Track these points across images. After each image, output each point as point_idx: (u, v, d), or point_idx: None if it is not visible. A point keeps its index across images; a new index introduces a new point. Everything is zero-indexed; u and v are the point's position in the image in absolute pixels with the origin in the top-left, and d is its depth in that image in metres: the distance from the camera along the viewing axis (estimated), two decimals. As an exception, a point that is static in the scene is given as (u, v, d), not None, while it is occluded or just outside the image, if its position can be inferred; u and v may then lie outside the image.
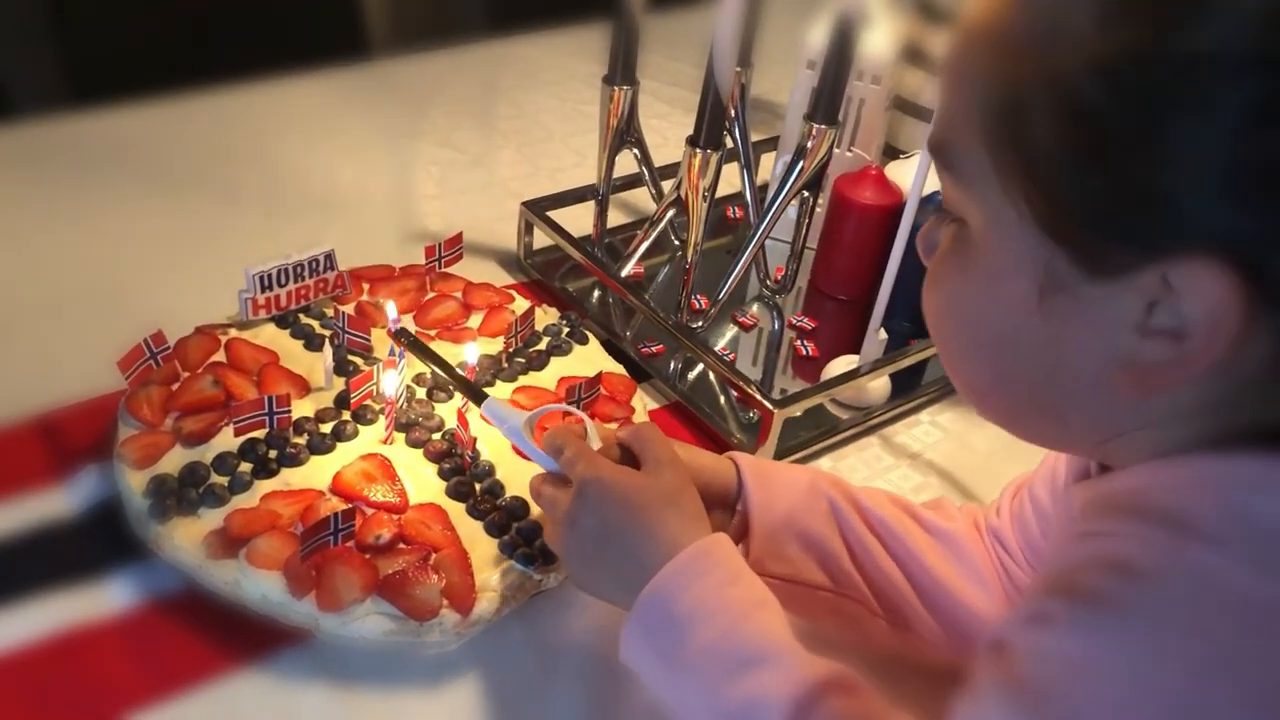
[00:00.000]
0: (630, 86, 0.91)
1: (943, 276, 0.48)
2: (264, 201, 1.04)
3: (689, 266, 0.89)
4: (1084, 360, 0.43)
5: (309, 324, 0.82)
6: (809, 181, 0.90)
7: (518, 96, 1.30)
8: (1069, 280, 0.42)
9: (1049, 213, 0.41)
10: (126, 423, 0.72)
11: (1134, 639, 0.38)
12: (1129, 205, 0.39)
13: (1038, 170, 0.41)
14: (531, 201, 1.00)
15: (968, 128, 0.43)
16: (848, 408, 0.88)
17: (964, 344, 0.48)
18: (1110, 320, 0.41)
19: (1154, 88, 0.37)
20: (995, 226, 0.44)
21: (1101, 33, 0.38)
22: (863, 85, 0.98)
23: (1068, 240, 0.41)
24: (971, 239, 0.45)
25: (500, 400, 0.69)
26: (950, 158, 0.45)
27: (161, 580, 0.66)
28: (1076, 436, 0.47)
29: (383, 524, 0.66)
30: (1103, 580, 0.40)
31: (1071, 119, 0.39)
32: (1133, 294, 0.40)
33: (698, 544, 0.57)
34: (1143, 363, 0.41)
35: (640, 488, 0.60)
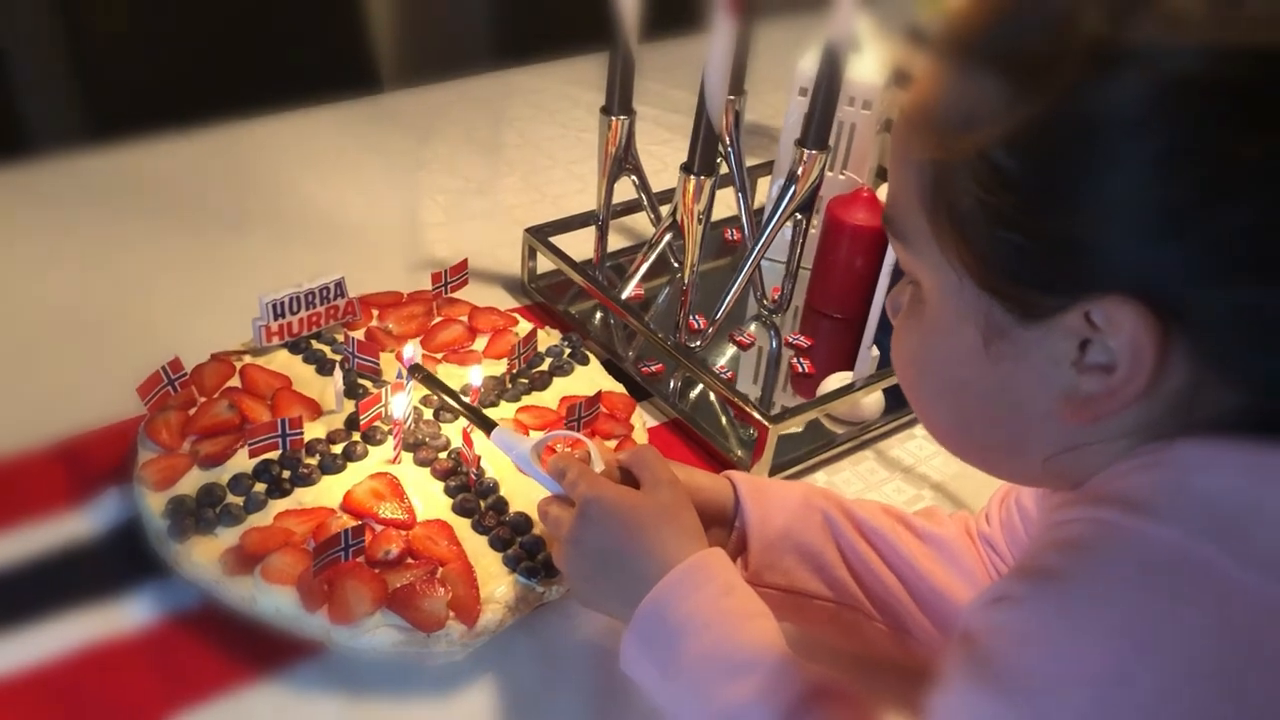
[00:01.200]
0: (627, 116, 0.94)
1: (905, 333, 0.53)
2: (276, 231, 1.08)
3: (686, 288, 0.92)
4: (1032, 397, 0.47)
5: (320, 349, 0.85)
6: (802, 204, 0.93)
7: (522, 125, 1.33)
8: (1007, 327, 0.46)
9: (981, 269, 0.46)
10: (146, 446, 0.75)
11: (1079, 606, 0.41)
12: (1045, 257, 0.44)
13: (967, 232, 0.45)
14: (534, 228, 1.03)
15: (910, 201, 0.48)
16: (843, 423, 0.91)
17: (927, 392, 0.53)
18: (1049, 359, 0.46)
19: (1055, 153, 0.42)
20: (941, 285, 0.48)
21: (1009, 110, 0.43)
22: (854, 110, 1.01)
23: (1000, 292, 0.46)
24: (924, 298, 0.50)
25: (508, 429, 0.72)
26: (899, 228, 0.50)
27: (180, 597, 0.69)
28: (1035, 467, 0.51)
29: (391, 540, 0.69)
30: (1055, 557, 0.44)
31: (990, 186, 0.44)
32: (1064, 334, 0.45)
33: (693, 558, 0.60)
34: (1081, 395, 0.45)
35: (639, 506, 0.62)
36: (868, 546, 0.68)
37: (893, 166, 0.51)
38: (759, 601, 0.60)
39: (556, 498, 0.68)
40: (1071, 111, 0.42)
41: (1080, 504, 0.46)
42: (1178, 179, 0.41)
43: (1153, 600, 0.40)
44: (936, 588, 0.67)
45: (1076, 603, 0.41)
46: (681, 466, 0.69)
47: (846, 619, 0.68)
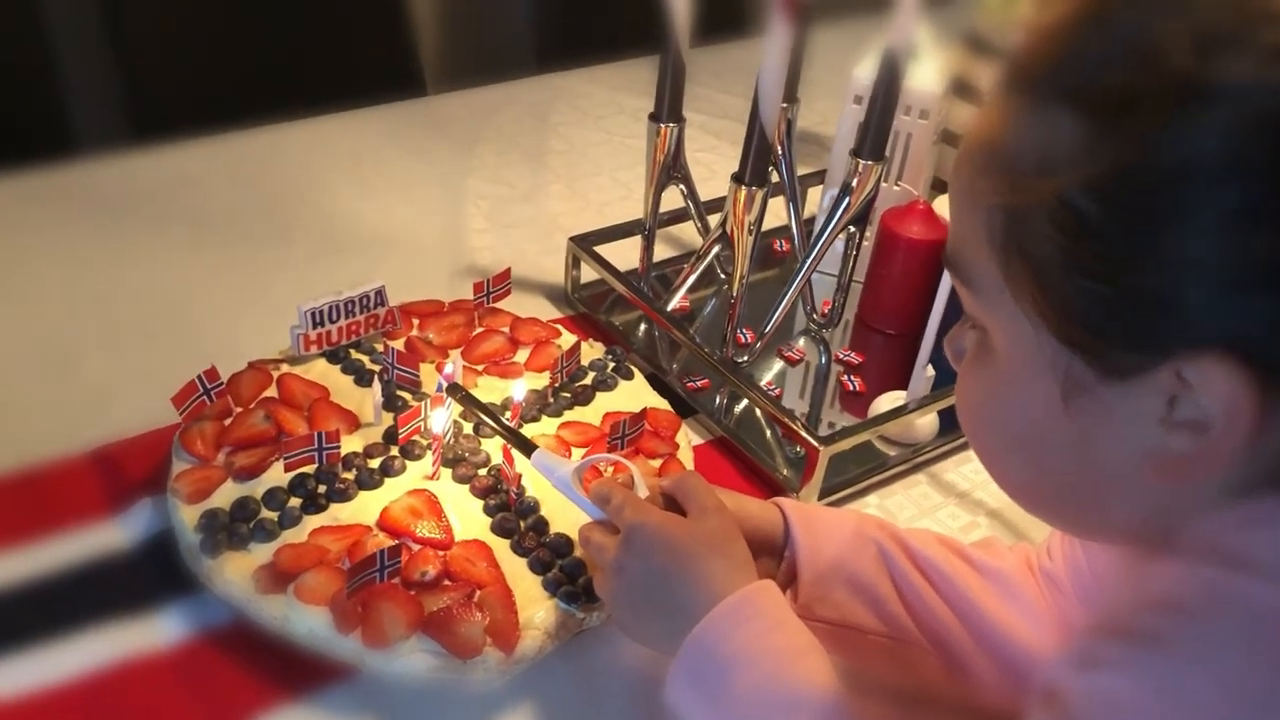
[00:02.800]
0: (676, 124, 0.92)
1: (971, 382, 0.50)
2: (315, 236, 1.06)
3: (734, 301, 0.89)
4: (1114, 455, 0.44)
5: (359, 359, 0.83)
6: (856, 216, 0.90)
7: (566, 131, 1.31)
8: (1087, 382, 0.43)
9: (1059, 320, 0.43)
10: (180, 457, 0.73)
11: (1185, 676, 0.38)
12: (1133, 311, 0.41)
13: (1044, 281, 0.42)
14: (579, 236, 1.00)
15: (978, 244, 0.45)
16: (895, 444, 0.88)
17: (997, 445, 0.50)
18: (1134, 416, 0.42)
19: (1142, 200, 0.39)
20: (1013, 334, 0.45)
21: (1090, 152, 0.40)
22: (910, 119, 0.98)
23: (1079, 346, 0.43)
24: (993, 346, 0.47)
25: (549, 452, 0.70)
26: (965, 273, 0.47)
27: (212, 614, 0.67)
28: (1118, 525, 0.48)
29: (428, 560, 0.67)
30: (1152, 619, 0.41)
31: (1071, 234, 0.41)
32: (1152, 391, 0.41)
33: (743, 590, 0.57)
34: (1170, 454, 0.42)
35: (686, 534, 0.60)
36: (923, 579, 0.65)
37: (956, 206, 0.47)
38: (811, 637, 0.57)
39: (599, 523, 0.65)
40: (1159, 154, 0.39)
41: (1173, 558, 0.43)
42: (1276, 226, 0.38)
43: (1265, 666, 0.37)
44: (995, 624, 0.64)
45: (1180, 669, 0.38)
46: (728, 493, 0.66)
47: (900, 654, 0.65)
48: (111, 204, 1.07)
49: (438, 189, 1.17)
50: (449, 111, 1.33)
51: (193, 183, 1.12)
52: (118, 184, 1.10)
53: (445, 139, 1.26)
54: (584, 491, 0.67)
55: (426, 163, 1.21)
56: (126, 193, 1.09)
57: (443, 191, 1.16)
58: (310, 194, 1.13)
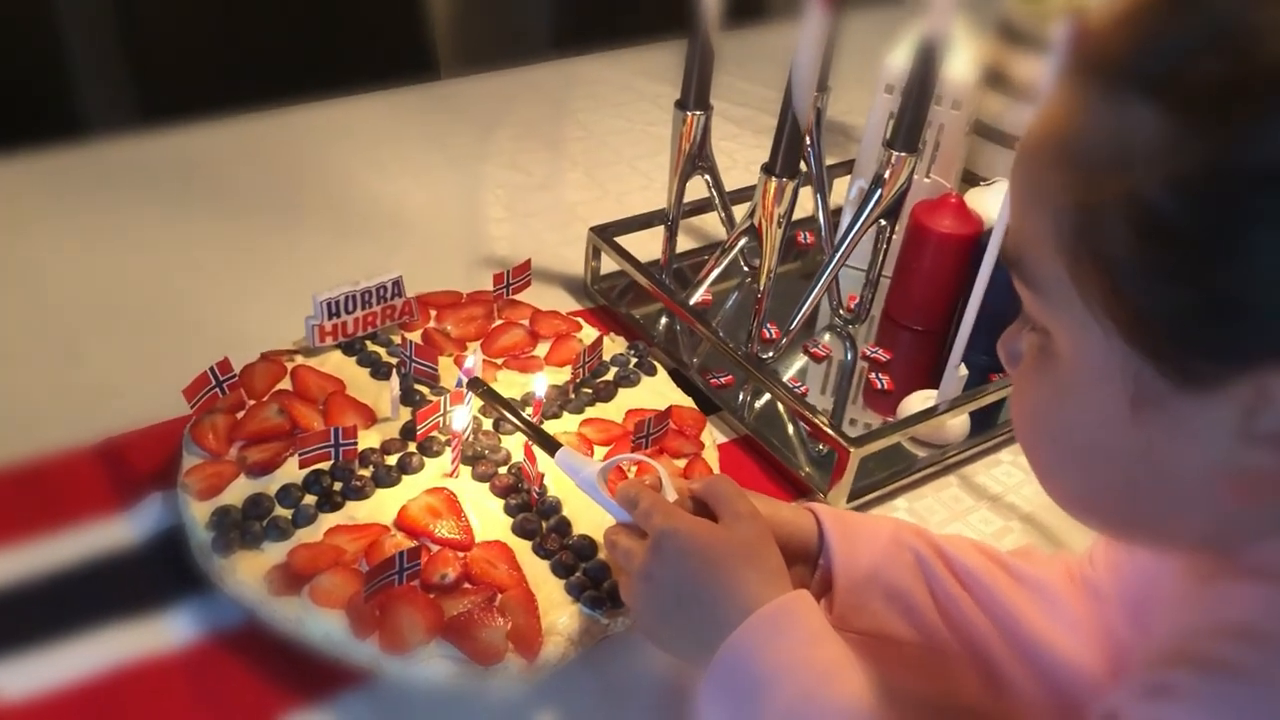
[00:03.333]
0: (703, 112, 0.89)
1: (1029, 388, 0.47)
2: (330, 222, 1.04)
3: (761, 295, 0.87)
4: (1185, 469, 0.42)
5: (376, 351, 0.80)
6: (887, 210, 0.87)
7: (585, 118, 1.28)
8: (1160, 392, 0.40)
9: (1132, 326, 0.40)
10: (191, 451, 0.71)
11: (1264, 705, 0.36)
12: (1214, 318, 0.38)
13: (1119, 285, 0.40)
14: (599, 227, 0.98)
15: (1043, 243, 0.42)
16: (924, 445, 0.85)
17: (1056, 456, 0.47)
18: (1208, 429, 0.40)
19: (1231, 200, 0.37)
20: (1079, 339, 0.43)
21: (1174, 148, 0.37)
22: (943, 110, 0.95)
23: (1154, 353, 0.40)
24: (1056, 350, 0.44)
25: (573, 451, 0.68)
26: (1028, 272, 0.44)
27: (223, 615, 0.65)
28: (1180, 539, 0.46)
29: (448, 563, 0.64)
30: (1228, 648, 0.39)
31: (1149, 235, 0.38)
32: (1229, 403, 0.39)
33: (778, 601, 0.55)
34: (1248, 470, 0.40)
35: (719, 542, 0.58)
36: (961, 589, 0.63)
37: (1019, 203, 0.45)
38: (847, 651, 0.55)
39: (626, 527, 0.63)
40: (1251, 151, 0.36)
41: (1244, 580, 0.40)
42: None
43: None
44: (1035, 635, 0.62)
45: (1259, 703, 0.36)
46: (760, 497, 0.64)
47: (937, 666, 0.63)
48: (122, 186, 1.04)
49: (454, 175, 1.14)
50: (465, 96, 1.30)
51: (205, 165, 1.10)
52: (128, 166, 1.08)
53: (461, 124, 1.23)
54: (610, 493, 0.65)
55: (442, 148, 1.18)
56: (137, 175, 1.06)
57: (459, 178, 1.14)
58: (325, 178, 1.10)
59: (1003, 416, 0.89)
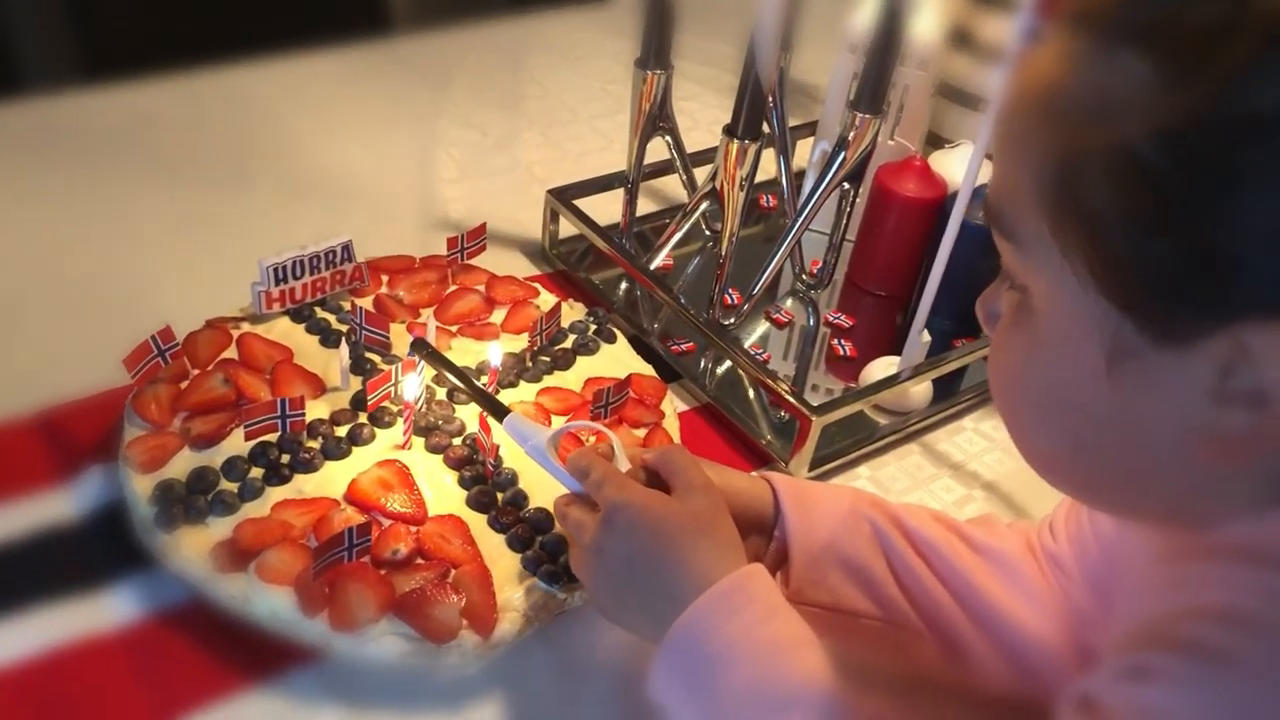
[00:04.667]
0: (664, 71, 0.87)
1: (1006, 346, 0.46)
2: (278, 184, 1.00)
3: (723, 261, 0.85)
4: (1159, 429, 0.41)
5: (325, 318, 0.78)
6: (851, 173, 0.85)
7: (542, 75, 1.25)
8: (1136, 347, 0.40)
9: (1112, 279, 0.39)
10: (133, 423, 0.68)
11: (1248, 692, 0.36)
12: (1195, 270, 0.37)
13: (1099, 237, 0.39)
14: (558, 189, 0.95)
15: (1025, 195, 0.41)
16: (887, 413, 0.84)
17: (1031, 415, 0.47)
18: (1183, 387, 0.39)
19: (1217, 151, 0.36)
20: (1057, 294, 0.42)
21: (1161, 98, 0.36)
22: (908, 71, 0.93)
23: (1133, 307, 0.39)
24: (1034, 307, 0.44)
25: (523, 417, 0.66)
26: (1008, 226, 0.43)
27: (166, 592, 0.63)
28: (1152, 505, 0.45)
29: (400, 537, 0.63)
30: (1210, 630, 0.38)
31: (1132, 185, 0.37)
32: (1205, 360, 0.38)
33: (732, 577, 0.54)
34: (1222, 431, 0.39)
35: (672, 514, 0.56)
36: (919, 560, 0.62)
37: (1001, 155, 0.44)
38: (805, 627, 0.54)
39: (577, 498, 0.61)
40: (1239, 101, 0.35)
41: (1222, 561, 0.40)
42: None
43: None
44: (994, 606, 0.61)
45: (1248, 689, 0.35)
46: (715, 467, 0.62)
47: (896, 639, 0.62)
48: (61, 146, 1.00)
49: (407, 135, 1.11)
50: (418, 53, 1.26)
51: (148, 124, 1.06)
52: (67, 125, 1.03)
53: (414, 82, 1.20)
54: (560, 461, 0.63)
55: (394, 107, 1.15)
56: (77, 135, 1.02)
57: (412, 138, 1.11)
58: (273, 138, 1.07)
59: (965, 383, 0.88)
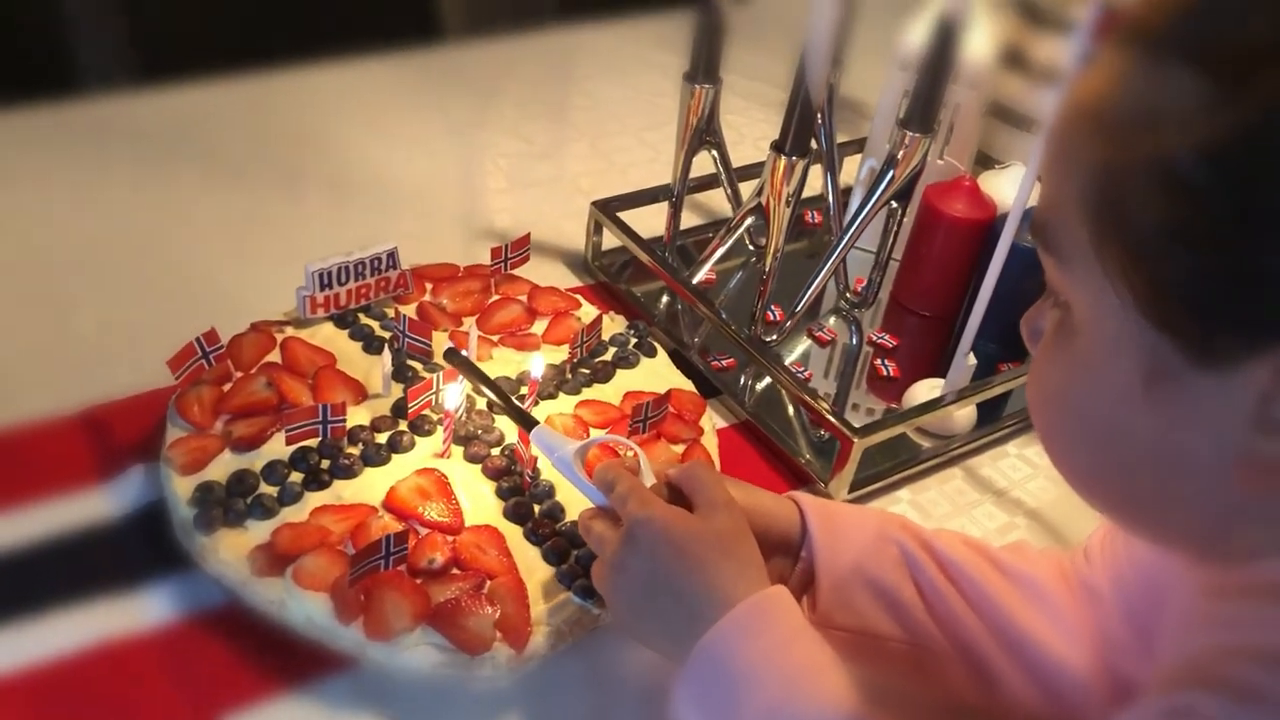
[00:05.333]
0: (712, 85, 0.86)
1: (1046, 364, 0.46)
2: (327, 188, 1.01)
3: (766, 277, 0.84)
4: (1196, 452, 0.40)
5: (368, 324, 0.78)
6: (899, 191, 0.85)
7: (590, 86, 1.25)
8: (1175, 368, 0.39)
9: (1151, 297, 0.39)
10: (175, 423, 0.69)
11: None
12: (1235, 289, 0.37)
13: (1140, 252, 0.38)
14: (602, 201, 0.95)
15: (1069, 210, 0.41)
16: (929, 435, 0.83)
17: (1068, 432, 0.46)
18: (1222, 411, 0.38)
19: (1261, 169, 0.35)
20: (1098, 312, 0.41)
21: (1208, 114, 0.36)
22: (959, 90, 0.92)
23: (1172, 326, 0.38)
24: (1075, 324, 0.43)
25: (550, 429, 0.65)
26: (1053, 240, 0.43)
27: (203, 594, 0.63)
28: (1191, 531, 0.44)
29: (436, 547, 0.62)
30: (1254, 672, 0.37)
31: (1176, 201, 0.37)
32: (1245, 385, 0.37)
33: (755, 598, 0.53)
34: (1261, 458, 0.38)
35: (694, 532, 0.56)
36: (949, 584, 0.61)
37: (1049, 170, 0.43)
38: (829, 650, 0.53)
39: (602, 512, 0.61)
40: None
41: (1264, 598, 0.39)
42: None
43: None
44: (1024, 632, 0.60)
45: None
46: (741, 485, 0.62)
47: (924, 664, 0.61)
48: (114, 145, 1.02)
49: (454, 143, 1.11)
50: (468, 62, 1.27)
51: (201, 125, 1.07)
52: (121, 125, 1.05)
53: (463, 91, 1.20)
54: (586, 474, 0.62)
55: (443, 115, 1.15)
56: (131, 134, 1.04)
57: (459, 146, 1.11)
58: (323, 142, 1.08)
59: (1009, 408, 0.87)
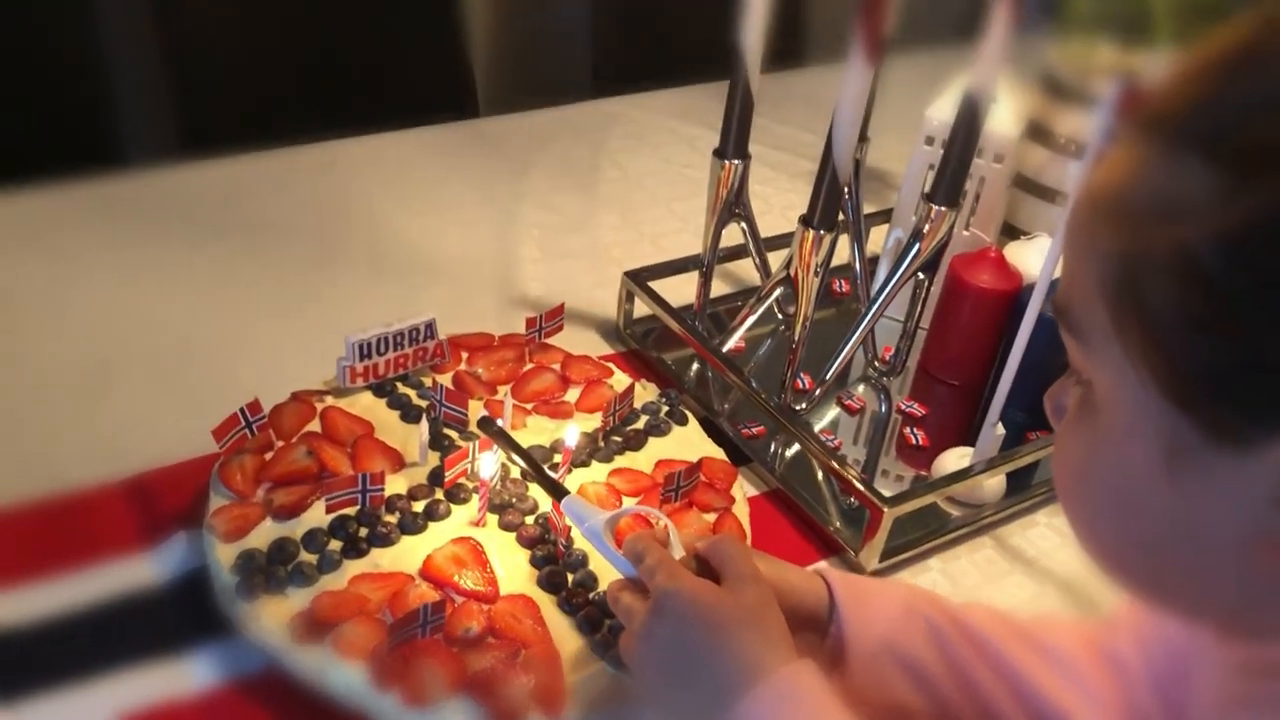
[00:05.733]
0: (741, 160, 0.88)
1: (1070, 440, 0.47)
2: (365, 258, 1.04)
3: (796, 346, 0.86)
4: (1218, 530, 0.41)
5: (406, 393, 0.80)
6: (926, 263, 0.86)
7: (620, 158, 1.28)
8: (1195, 447, 0.40)
9: (1170, 378, 0.39)
10: (218, 491, 0.70)
11: None
12: (1252, 374, 0.37)
13: (1158, 336, 0.39)
14: (633, 271, 0.97)
15: (1090, 292, 0.42)
16: (958, 504, 0.84)
17: (1091, 509, 0.47)
18: (1243, 490, 0.39)
19: (1276, 258, 0.36)
20: (1119, 391, 0.42)
21: (1224, 205, 0.37)
22: (984, 163, 0.94)
23: (1191, 407, 0.39)
24: (1097, 402, 0.44)
25: (581, 499, 0.67)
26: (1074, 321, 0.44)
27: (245, 660, 0.64)
28: (1215, 607, 0.44)
29: (473, 615, 0.63)
30: None
31: (1193, 288, 0.38)
32: (1265, 465, 0.38)
33: (782, 673, 0.53)
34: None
35: (722, 605, 0.56)
36: (977, 658, 0.61)
37: (1070, 252, 0.45)
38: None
39: (630, 583, 0.61)
40: None
41: None
42: None
43: None
44: (1054, 704, 0.60)
45: None
46: (768, 559, 0.62)
47: None
48: (157, 218, 1.05)
49: (488, 213, 1.14)
50: (501, 134, 1.30)
51: (242, 197, 1.10)
52: (164, 197, 1.08)
53: (497, 163, 1.23)
54: (616, 544, 0.63)
55: (477, 185, 1.18)
56: (173, 207, 1.07)
57: (493, 216, 1.14)
58: (360, 213, 1.10)
59: (1038, 477, 0.87)
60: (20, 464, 0.76)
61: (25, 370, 0.84)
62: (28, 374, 0.84)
